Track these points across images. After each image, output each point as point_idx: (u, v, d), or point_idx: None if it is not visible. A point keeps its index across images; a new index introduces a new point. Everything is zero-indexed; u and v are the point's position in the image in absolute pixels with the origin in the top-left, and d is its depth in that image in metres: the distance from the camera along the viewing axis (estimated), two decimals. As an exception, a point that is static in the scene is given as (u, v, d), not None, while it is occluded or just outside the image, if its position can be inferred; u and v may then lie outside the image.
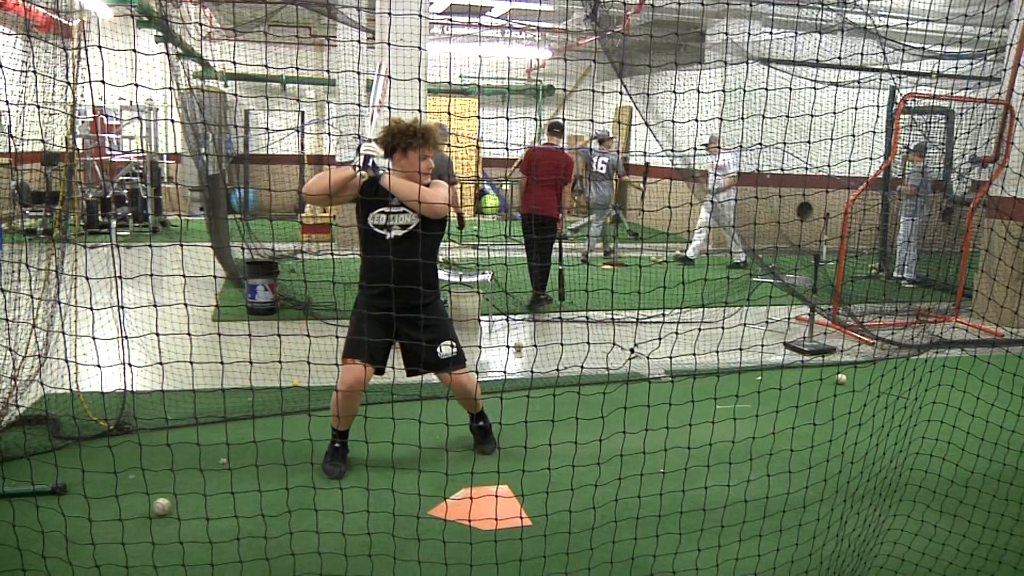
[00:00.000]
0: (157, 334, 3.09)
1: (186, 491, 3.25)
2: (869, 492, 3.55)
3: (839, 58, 6.81)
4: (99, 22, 10.73)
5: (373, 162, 3.71)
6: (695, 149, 10.41)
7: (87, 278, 3.07)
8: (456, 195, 9.45)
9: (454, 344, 3.99)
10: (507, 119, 14.64)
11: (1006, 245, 7.05)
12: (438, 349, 3.93)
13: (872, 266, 10.73)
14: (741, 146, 10.17)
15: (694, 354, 3.79)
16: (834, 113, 3.74)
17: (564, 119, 10.09)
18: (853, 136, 9.69)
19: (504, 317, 7.34)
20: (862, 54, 9.21)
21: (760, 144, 5.34)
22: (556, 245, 7.86)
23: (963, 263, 7.90)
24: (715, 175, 10.70)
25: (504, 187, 16.12)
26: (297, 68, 15.37)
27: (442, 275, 7.28)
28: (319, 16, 13.86)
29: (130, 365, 3.38)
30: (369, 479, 3.57)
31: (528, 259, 7.88)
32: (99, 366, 3.00)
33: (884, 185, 10.23)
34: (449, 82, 15.52)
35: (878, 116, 10.62)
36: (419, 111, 4.91)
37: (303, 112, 15.96)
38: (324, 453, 3.97)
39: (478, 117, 16.80)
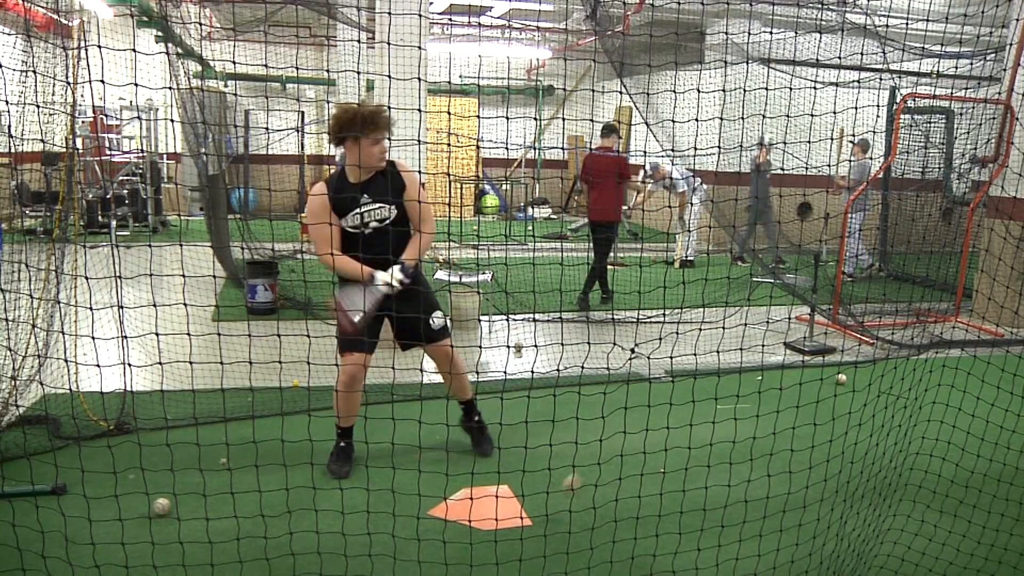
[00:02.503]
0: (157, 334, 3.09)
1: (186, 491, 3.25)
2: (869, 492, 3.55)
3: (839, 58, 6.80)
4: (99, 22, 10.73)
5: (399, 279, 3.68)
6: (695, 149, 10.42)
7: (87, 278, 3.07)
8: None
9: (443, 314, 4.02)
10: (507, 119, 14.63)
11: (1006, 245, 7.05)
12: (431, 320, 3.92)
13: (872, 266, 10.74)
14: (693, 171, 10.31)
15: (694, 354, 3.78)
16: (834, 113, 3.73)
17: (605, 120, 10.01)
18: (853, 136, 9.69)
19: (504, 317, 7.34)
20: (862, 54, 9.22)
21: (760, 144, 5.33)
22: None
23: (963, 263, 7.90)
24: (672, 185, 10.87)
25: (504, 187, 16.12)
26: (297, 68, 15.37)
27: (442, 275, 7.30)
28: (319, 16, 13.87)
29: (130, 365, 3.38)
30: (369, 479, 3.57)
31: (597, 261, 8.21)
32: (99, 366, 3.00)
33: (884, 185, 10.24)
34: (449, 82, 15.52)
35: (878, 116, 10.62)
36: (419, 111, 4.91)
37: (303, 112, 15.97)
38: (329, 453, 3.97)
39: (478, 117, 16.80)
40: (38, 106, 4.09)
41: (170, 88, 6.17)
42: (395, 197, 3.77)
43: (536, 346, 6.11)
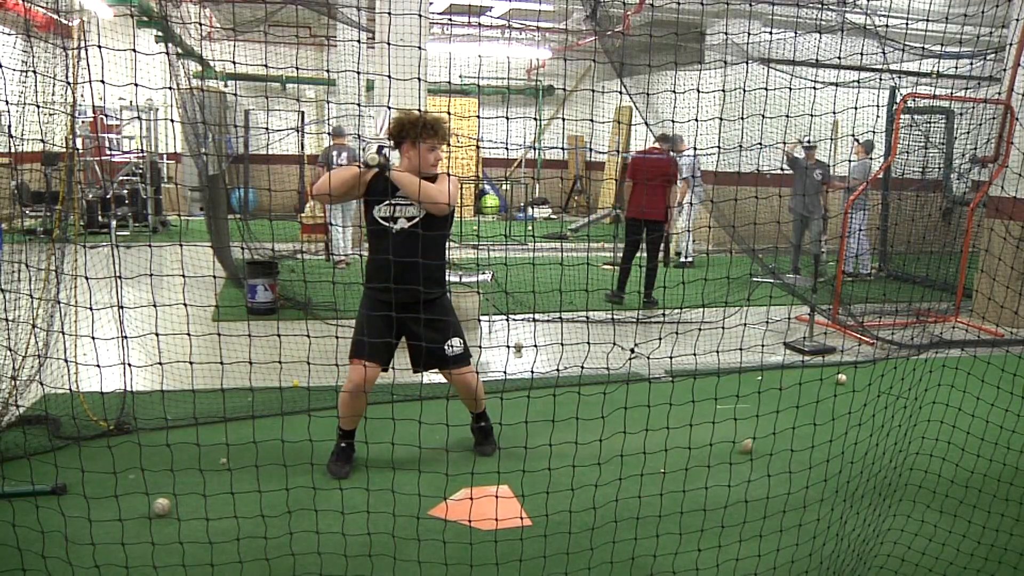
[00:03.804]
0: (157, 334, 3.09)
1: (186, 491, 3.25)
2: (869, 492, 3.55)
3: (839, 58, 6.80)
4: (99, 22, 10.73)
5: (386, 152, 3.74)
6: (695, 149, 10.43)
7: (87, 278, 3.07)
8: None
9: (461, 341, 3.99)
10: (507, 119, 14.67)
11: (1006, 245, 7.05)
12: (445, 347, 3.93)
13: (872, 266, 10.74)
14: (695, 149, 10.25)
15: (694, 354, 3.78)
16: (834, 113, 3.73)
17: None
18: (853, 136, 9.66)
19: (504, 317, 7.34)
20: (862, 54, 9.22)
21: (760, 143, 5.35)
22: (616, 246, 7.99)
23: (963, 263, 7.90)
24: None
25: (504, 187, 16.12)
26: (297, 68, 15.37)
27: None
28: (319, 16, 13.87)
29: (130, 365, 3.38)
30: (369, 479, 3.57)
31: (624, 261, 8.27)
32: (99, 366, 3.00)
33: (884, 185, 10.24)
34: (449, 82, 15.52)
35: (878, 116, 10.62)
36: (419, 111, 4.91)
37: (303, 112, 15.97)
38: (330, 453, 3.97)
39: (478, 117, 16.81)
40: (38, 106, 4.09)
41: (170, 88, 6.16)
42: None
43: (536, 346, 6.11)
